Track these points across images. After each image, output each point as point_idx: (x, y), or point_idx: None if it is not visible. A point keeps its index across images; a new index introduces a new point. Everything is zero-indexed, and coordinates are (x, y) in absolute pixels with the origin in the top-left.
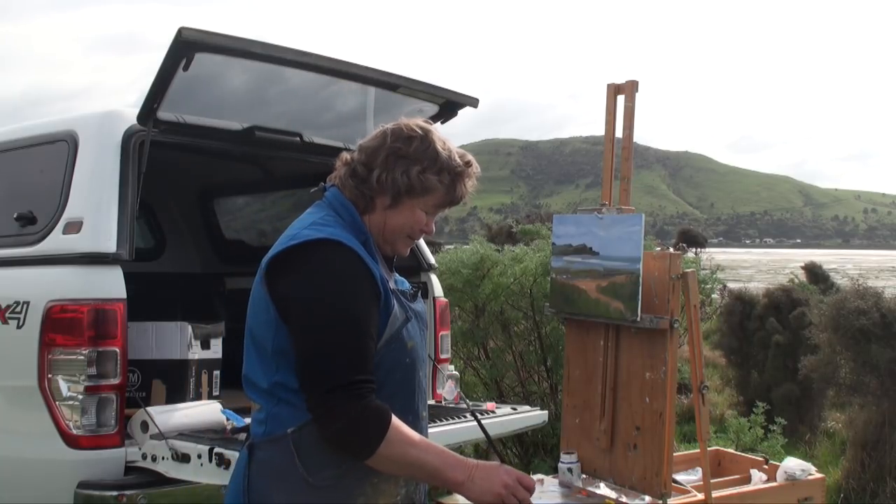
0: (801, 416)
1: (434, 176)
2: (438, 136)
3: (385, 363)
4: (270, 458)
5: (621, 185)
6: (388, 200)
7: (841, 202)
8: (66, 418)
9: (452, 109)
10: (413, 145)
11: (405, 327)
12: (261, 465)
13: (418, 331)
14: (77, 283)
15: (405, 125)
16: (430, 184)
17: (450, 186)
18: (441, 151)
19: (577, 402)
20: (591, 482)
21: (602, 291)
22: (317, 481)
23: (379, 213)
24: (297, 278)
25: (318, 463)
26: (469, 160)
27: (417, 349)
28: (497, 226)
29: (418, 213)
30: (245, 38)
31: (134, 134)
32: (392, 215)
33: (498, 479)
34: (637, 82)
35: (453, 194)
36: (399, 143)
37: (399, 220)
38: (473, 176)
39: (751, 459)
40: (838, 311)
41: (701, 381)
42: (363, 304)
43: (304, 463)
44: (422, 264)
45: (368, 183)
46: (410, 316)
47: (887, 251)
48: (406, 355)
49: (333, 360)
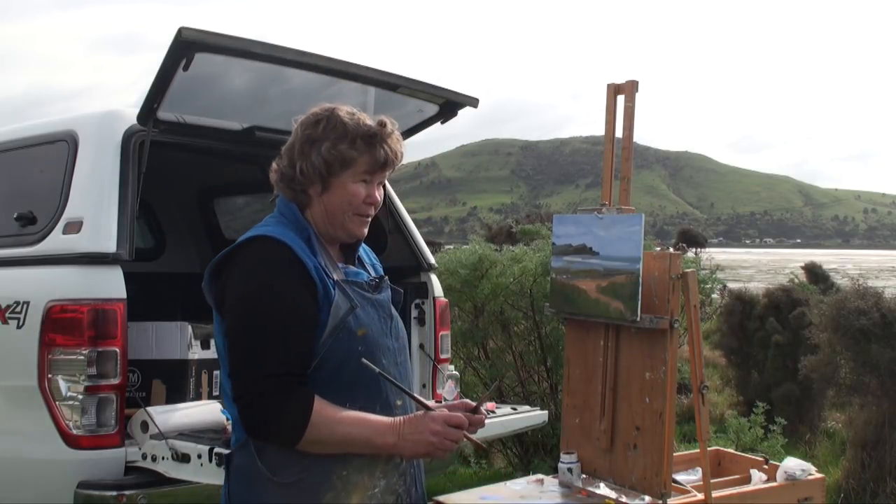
0: (801, 416)
1: (346, 146)
2: (345, 109)
3: (335, 354)
4: (241, 463)
5: (621, 185)
6: (318, 187)
7: (841, 202)
8: (66, 418)
9: (452, 109)
10: (320, 126)
11: (351, 315)
12: (235, 472)
13: (376, 318)
14: (77, 283)
15: (312, 112)
16: (346, 154)
17: (369, 151)
18: (348, 122)
19: (577, 402)
20: (591, 482)
21: (602, 291)
22: (281, 478)
23: (316, 203)
24: (226, 281)
25: (279, 462)
26: (383, 121)
27: (372, 336)
28: (497, 226)
29: (351, 187)
30: (245, 38)
31: (134, 134)
32: (328, 199)
33: (426, 428)
34: (637, 82)
35: (377, 157)
36: (308, 130)
37: (336, 200)
38: (392, 135)
39: (751, 459)
40: (838, 311)
41: (701, 381)
42: (288, 296)
43: (265, 463)
44: (422, 264)
45: (296, 179)
46: (356, 304)
47: (887, 251)
48: (357, 343)
49: (255, 357)
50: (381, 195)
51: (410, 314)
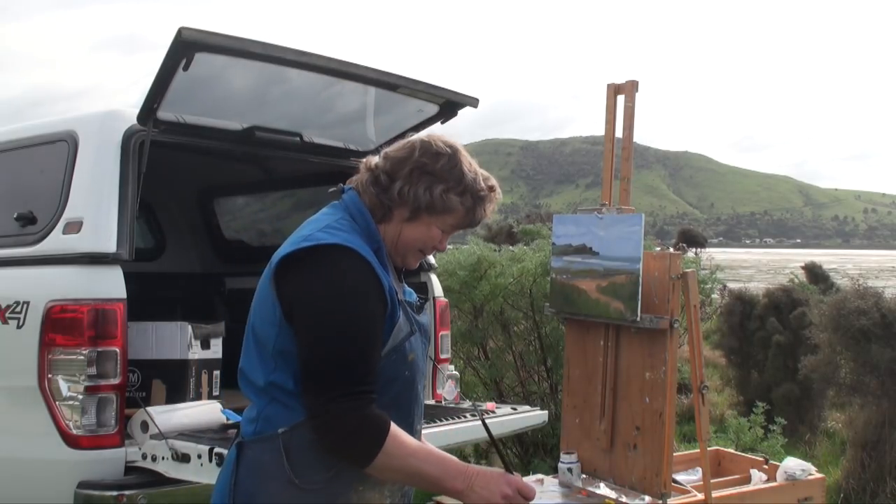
0: (801, 416)
1: (457, 197)
2: (466, 156)
3: (385, 374)
4: (259, 457)
5: (621, 185)
6: (406, 213)
7: (841, 202)
8: (66, 418)
9: (452, 109)
10: (440, 162)
11: (408, 340)
12: (249, 465)
13: (420, 344)
14: (77, 283)
15: (434, 141)
16: (452, 204)
17: (470, 209)
18: (467, 173)
19: (577, 402)
20: (591, 482)
21: (602, 291)
22: (303, 483)
23: (395, 225)
24: (307, 281)
25: (306, 465)
26: (493, 185)
27: (418, 362)
28: (497, 226)
29: (434, 231)
30: (245, 38)
31: (134, 134)
32: (408, 229)
33: (497, 489)
34: (637, 82)
35: (472, 217)
36: (426, 159)
37: (414, 235)
38: (495, 201)
39: (751, 459)
40: (838, 311)
41: (701, 381)
42: (371, 313)
43: (291, 464)
44: (422, 264)
45: (390, 193)
46: (415, 329)
47: (887, 251)
48: (406, 368)
49: (337, 369)
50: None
51: None
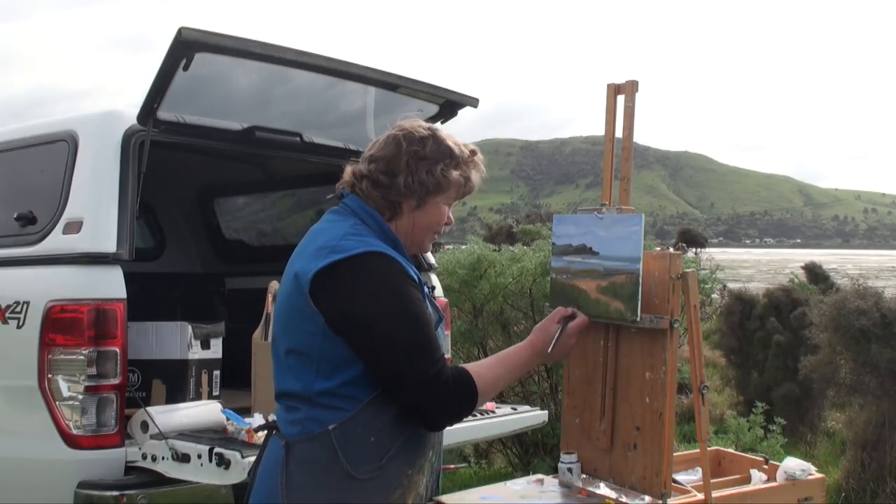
0: (801, 416)
1: (454, 170)
2: (445, 132)
3: None
4: (310, 454)
5: (621, 185)
6: (414, 202)
7: (841, 202)
8: (66, 418)
9: (452, 109)
10: (428, 145)
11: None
12: (301, 463)
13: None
14: (77, 283)
15: (413, 128)
16: (453, 178)
17: (466, 177)
18: (453, 146)
19: (577, 402)
20: (591, 482)
21: (602, 291)
22: (360, 474)
23: (406, 217)
24: (354, 293)
25: (359, 457)
26: (474, 149)
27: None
28: (497, 226)
29: (442, 208)
30: (244, 38)
31: (134, 134)
32: (419, 215)
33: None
34: (637, 82)
35: (470, 184)
36: (415, 147)
37: (426, 219)
38: (482, 162)
39: (751, 459)
40: (838, 311)
41: (701, 381)
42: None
43: (347, 457)
44: (421, 264)
45: (395, 189)
46: (442, 316)
47: (887, 251)
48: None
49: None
50: None
51: None
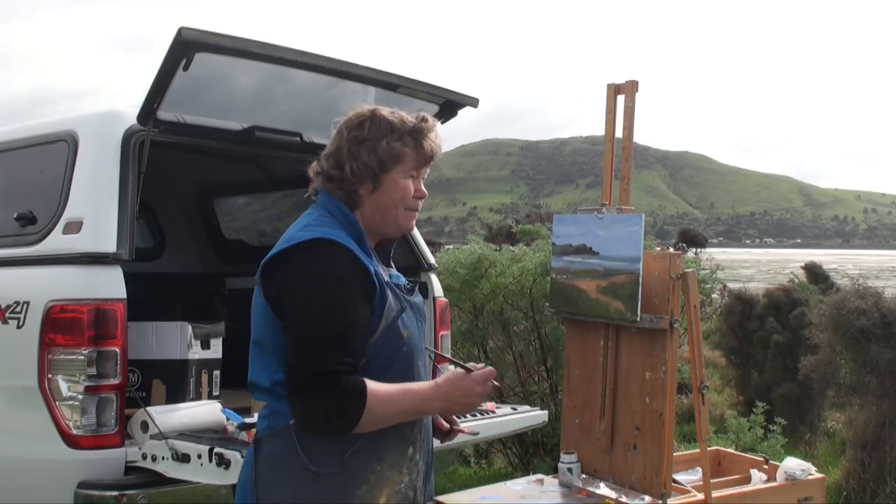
0: (801, 416)
1: (397, 142)
2: (385, 109)
3: (384, 354)
4: (274, 450)
5: (621, 185)
6: (370, 185)
7: (841, 202)
8: (66, 418)
9: (452, 109)
10: (366, 127)
11: (400, 317)
12: (267, 459)
13: (415, 322)
14: (77, 283)
15: (353, 114)
16: (398, 150)
17: (416, 146)
18: (393, 120)
19: (577, 402)
20: (591, 482)
21: (602, 291)
22: (321, 469)
23: (367, 202)
24: (289, 276)
25: (320, 452)
26: (423, 116)
27: (414, 339)
28: (497, 225)
29: (402, 182)
30: (244, 38)
31: (134, 134)
32: (379, 197)
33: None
34: (637, 82)
35: (423, 152)
36: (354, 132)
37: (388, 197)
38: (434, 128)
39: (751, 459)
40: (838, 311)
41: (701, 381)
42: (351, 299)
43: (306, 452)
44: (422, 264)
45: (346, 179)
46: (405, 307)
47: (887, 251)
48: (403, 344)
49: (312, 350)
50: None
51: None
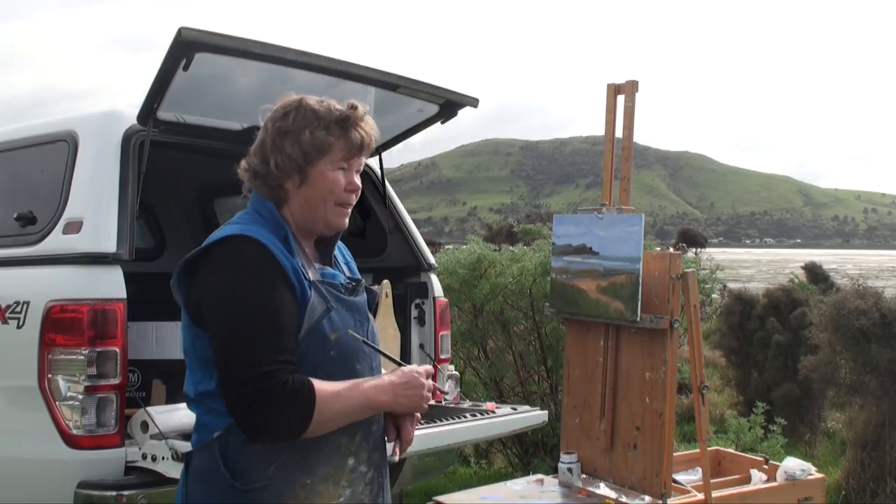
0: (801, 416)
1: (322, 132)
2: (312, 98)
3: (308, 357)
4: (202, 465)
5: (621, 185)
6: (296, 179)
7: (841, 202)
8: (66, 418)
9: (452, 109)
10: (291, 117)
11: (326, 318)
12: (196, 474)
13: (350, 322)
14: (77, 283)
15: (279, 105)
16: (323, 140)
17: (344, 136)
18: (319, 109)
19: (577, 402)
20: (591, 482)
21: (602, 291)
22: (245, 485)
23: (294, 197)
24: (204, 281)
25: (243, 467)
26: (353, 104)
27: (347, 340)
28: (497, 225)
29: (330, 175)
30: (245, 38)
31: (134, 134)
32: (307, 191)
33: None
34: (637, 82)
35: (352, 141)
36: (279, 123)
37: (315, 191)
38: (365, 117)
39: (751, 459)
40: (838, 311)
41: (701, 381)
42: (268, 292)
43: (228, 468)
44: (422, 264)
45: (271, 174)
46: (332, 307)
47: (887, 251)
48: (330, 348)
49: (242, 353)
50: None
51: (410, 314)
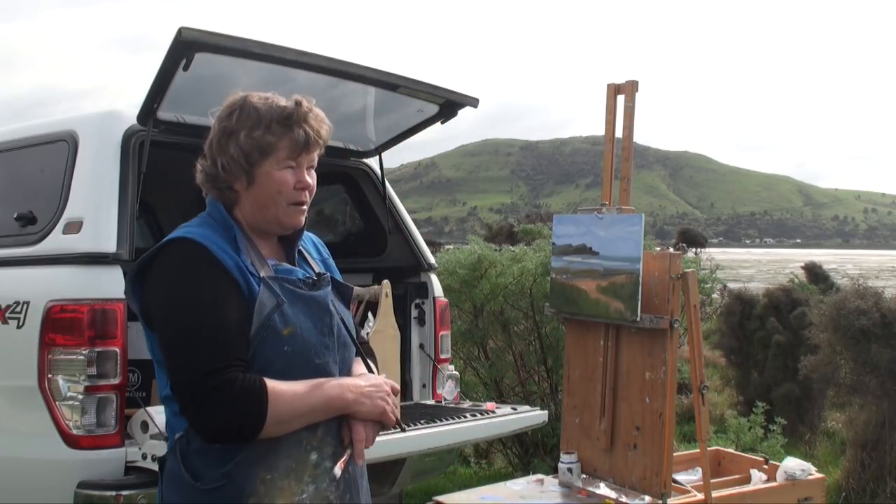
0: (801, 416)
1: (263, 131)
2: (258, 95)
3: (261, 354)
4: (171, 467)
5: (621, 185)
6: (244, 181)
7: (841, 202)
8: (66, 418)
9: (452, 109)
10: (234, 116)
11: (277, 313)
12: (167, 476)
13: (307, 316)
14: (77, 283)
15: (225, 104)
16: (266, 140)
17: (287, 134)
18: (261, 107)
19: (577, 402)
20: (591, 482)
21: (602, 291)
22: (205, 484)
23: (244, 198)
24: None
25: (201, 466)
26: (298, 100)
27: (303, 335)
28: (497, 225)
29: (277, 175)
30: (245, 38)
31: (134, 134)
32: (256, 191)
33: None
34: (637, 82)
35: (296, 139)
36: (224, 123)
37: (264, 192)
38: (310, 113)
39: (751, 459)
40: (838, 311)
41: (701, 381)
42: (210, 291)
43: (188, 469)
44: (422, 264)
45: (219, 176)
46: (282, 301)
47: (887, 251)
48: (283, 343)
49: (188, 354)
50: (314, 179)
51: (410, 314)
